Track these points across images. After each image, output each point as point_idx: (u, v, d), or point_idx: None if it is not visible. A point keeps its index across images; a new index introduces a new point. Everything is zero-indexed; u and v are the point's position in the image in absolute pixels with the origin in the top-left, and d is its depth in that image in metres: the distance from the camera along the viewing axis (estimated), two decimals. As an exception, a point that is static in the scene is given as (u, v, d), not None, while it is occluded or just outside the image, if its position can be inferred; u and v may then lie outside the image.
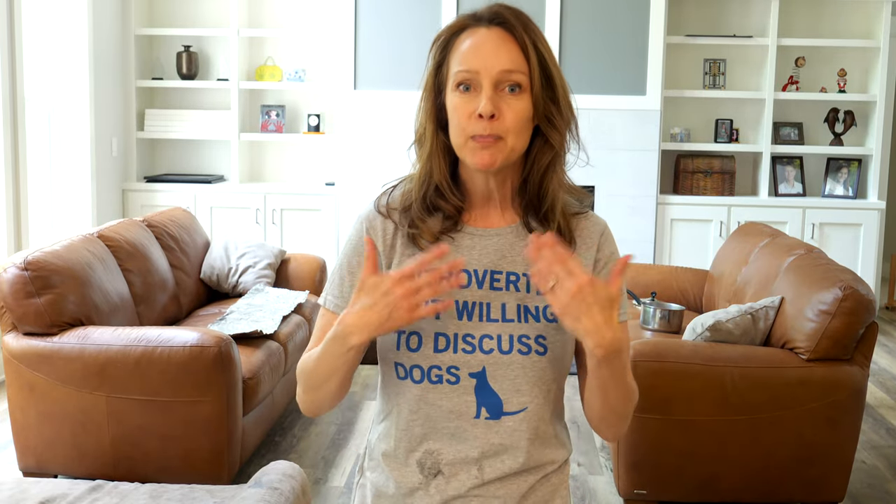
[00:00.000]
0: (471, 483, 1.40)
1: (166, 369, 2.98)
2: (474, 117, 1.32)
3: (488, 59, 1.33)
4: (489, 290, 1.39)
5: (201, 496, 2.14)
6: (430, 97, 1.41)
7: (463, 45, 1.36)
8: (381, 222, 1.43)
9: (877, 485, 3.40)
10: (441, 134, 1.40)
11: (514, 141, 1.34)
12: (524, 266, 1.40)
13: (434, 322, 1.37)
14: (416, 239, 1.40)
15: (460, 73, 1.34)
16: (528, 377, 1.38)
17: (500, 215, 1.43)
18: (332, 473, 3.40)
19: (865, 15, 5.89)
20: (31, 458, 3.14)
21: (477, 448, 1.39)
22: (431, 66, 1.41)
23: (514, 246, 1.41)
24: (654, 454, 2.97)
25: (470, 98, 1.34)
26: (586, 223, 1.44)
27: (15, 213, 4.53)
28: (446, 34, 1.39)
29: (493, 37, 1.34)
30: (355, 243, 1.44)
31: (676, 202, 5.72)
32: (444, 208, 1.40)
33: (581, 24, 5.47)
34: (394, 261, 1.41)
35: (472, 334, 1.37)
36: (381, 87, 5.56)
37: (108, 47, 5.56)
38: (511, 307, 1.38)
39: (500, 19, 1.35)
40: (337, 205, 5.68)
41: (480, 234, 1.41)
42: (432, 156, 1.40)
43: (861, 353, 2.94)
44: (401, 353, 1.38)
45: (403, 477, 1.43)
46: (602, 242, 1.44)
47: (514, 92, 1.33)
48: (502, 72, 1.32)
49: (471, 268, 1.40)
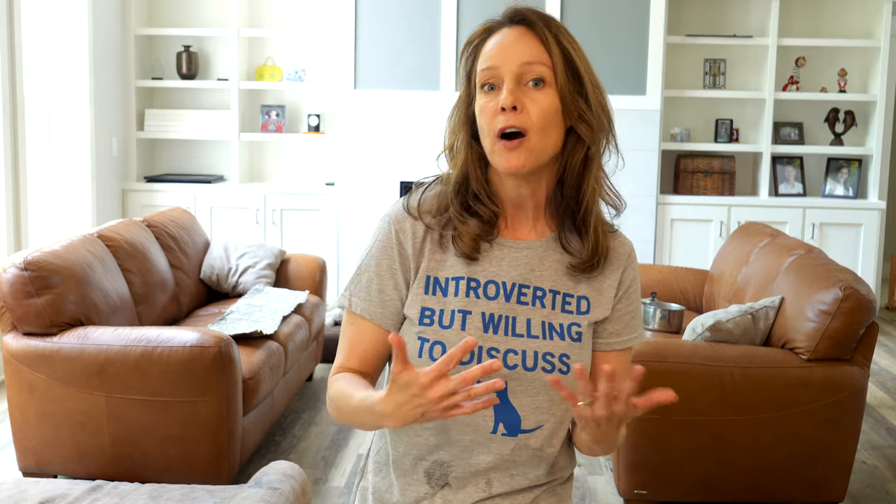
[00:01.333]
0: (477, 496, 1.39)
1: (166, 369, 2.98)
2: (497, 113, 1.30)
3: (508, 54, 1.31)
4: (516, 303, 1.36)
5: (201, 496, 2.14)
6: (463, 106, 1.39)
7: (487, 46, 1.35)
8: (410, 224, 1.39)
9: (877, 485, 3.40)
10: (475, 144, 1.37)
11: (540, 138, 1.30)
12: (552, 282, 1.38)
13: (460, 333, 1.34)
14: (455, 240, 1.37)
15: (483, 71, 1.33)
16: (550, 395, 1.36)
17: (532, 226, 1.40)
18: (332, 473, 3.40)
19: (865, 15, 5.89)
20: (31, 458, 3.14)
21: (488, 463, 1.38)
22: (464, 77, 1.39)
23: (543, 261, 1.38)
24: (654, 454, 2.97)
25: (493, 96, 1.32)
26: (615, 243, 1.42)
27: (15, 213, 4.53)
28: (474, 40, 1.38)
29: (513, 34, 1.33)
30: (384, 244, 1.39)
31: (676, 202, 5.72)
32: (482, 212, 1.37)
33: (581, 24, 5.46)
34: (422, 265, 1.38)
35: (497, 348, 1.34)
36: (381, 87, 5.56)
37: (107, 47, 5.56)
38: (536, 323, 1.36)
39: (520, 17, 1.34)
40: (337, 205, 5.68)
41: (511, 245, 1.38)
42: (468, 164, 1.37)
43: (861, 353, 2.94)
44: (422, 360, 1.34)
45: (409, 485, 1.41)
46: (628, 265, 1.43)
47: (537, 86, 1.30)
48: (522, 64, 1.30)
49: (499, 279, 1.37)
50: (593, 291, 1.39)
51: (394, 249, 1.38)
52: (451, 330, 1.34)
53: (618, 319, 1.42)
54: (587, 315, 1.38)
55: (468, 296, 1.35)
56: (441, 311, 1.35)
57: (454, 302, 1.35)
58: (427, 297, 1.37)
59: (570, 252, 1.38)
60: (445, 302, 1.36)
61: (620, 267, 1.41)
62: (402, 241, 1.38)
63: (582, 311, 1.38)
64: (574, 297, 1.38)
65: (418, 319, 1.36)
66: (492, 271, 1.37)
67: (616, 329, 1.42)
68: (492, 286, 1.36)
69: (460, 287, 1.36)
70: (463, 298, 1.35)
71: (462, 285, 1.36)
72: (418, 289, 1.37)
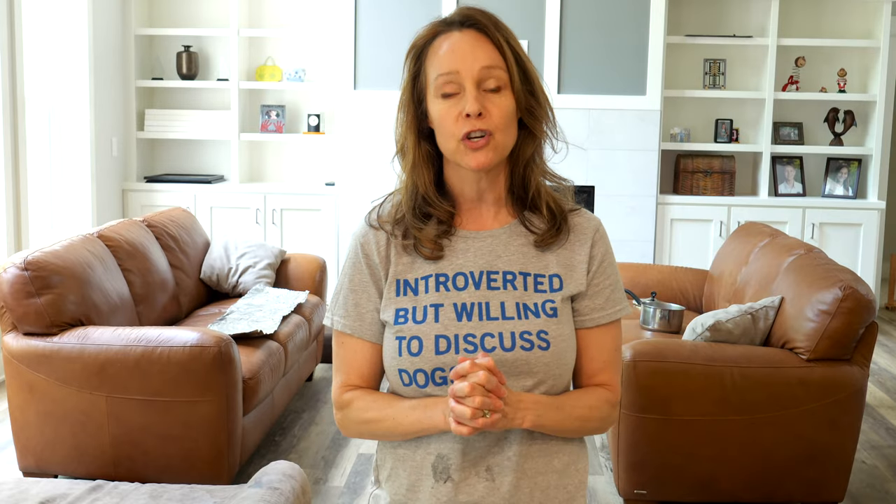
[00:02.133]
0: (482, 486, 1.39)
1: (166, 369, 2.98)
2: (461, 118, 1.35)
3: (467, 59, 1.35)
4: (486, 289, 1.40)
5: (201, 496, 2.14)
6: (408, 108, 1.43)
7: (439, 50, 1.39)
8: (373, 235, 1.46)
9: (877, 485, 3.40)
10: (424, 143, 1.43)
11: (503, 137, 1.37)
12: (520, 265, 1.42)
13: (434, 325, 1.38)
14: (416, 247, 1.42)
15: (441, 76, 1.37)
16: (533, 373, 1.38)
17: (493, 217, 1.45)
18: (332, 473, 3.40)
19: (865, 15, 5.89)
20: (31, 458, 3.14)
21: (484, 448, 1.39)
22: (408, 78, 1.43)
23: (508, 246, 1.43)
24: (654, 454, 2.97)
25: (454, 102, 1.36)
26: (580, 219, 1.47)
27: (15, 213, 4.53)
28: (419, 43, 1.42)
29: (467, 38, 1.37)
30: (353, 261, 1.47)
31: (676, 202, 5.72)
32: (436, 214, 1.43)
33: (581, 24, 5.47)
34: (390, 270, 1.44)
35: (474, 334, 1.38)
36: (381, 87, 5.56)
37: (108, 47, 5.56)
38: (510, 305, 1.39)
39: (471, 21, 1.38)
40: (337, 205, 5.68)
41: (473, 236, 1.43)
42: (416, 167, 1.43)
43: (861, 353, 2.94)
44: (403, 358, 1.39)
45: (418, 482, 1.43)
46: (596, 239, 1.46)
47: (496, 91, 1.36)
48: (483, 69, 1.35)
49: (466, 270, 1.41)
50: (563, 269, 1.43)
51: (362, 263, 1.45)
52: (426, 323, 1.38)
53: (597, 294, 1.45)
54: (560, 291, 1.42)
55: (438, 290, 1.41)
56: (414, 308, 1.41)
57: (426, 298, 1.41)
58: (400, 299, 1.42)
59: (533, 231, 1.44)
60: (417, 300, 1.41)
61: (588, 241, 1.45)
62: (367, 252, 1.45)
63: (555, 289, 1.42)
64: (546, 277, 1.42)
65: (393, 320, 1.41)
66: (458, 263, 1.42)
67: (598, 304, 1.45)
68: (460, 277, 1.41)
69: (430, 284, 1.41)
70: (434, 294, 1.41)
71: (431, 282, 1.41)
72: (390, 293, 1.43)
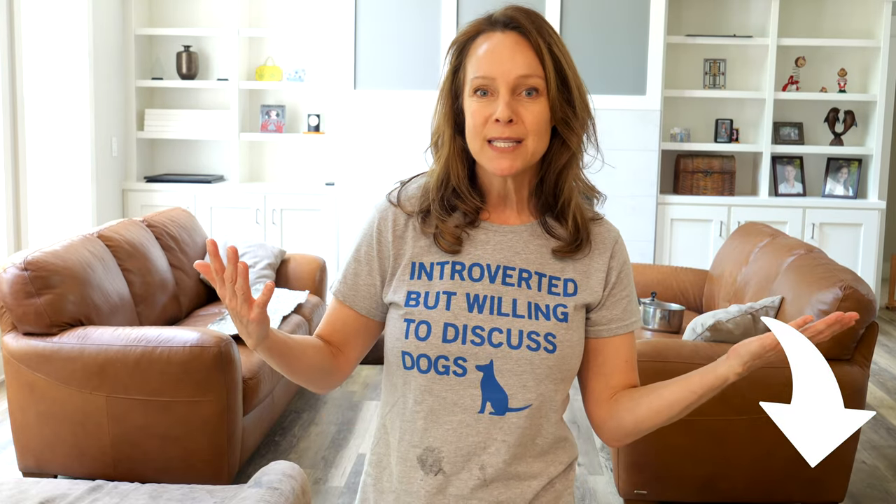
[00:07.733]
0: (473, 483, 1.40)
1: (166, 369, 2.98)
2: (491, 122, 1.34)
3: (504, 65, 1.34)
4: (501, 284, 1.40)
5: (201, 496, 2.14)
6: (446, 101, 1.42)
7: (479, 50, 1.38)
8: (392, 213, 1.45)
9: (877, 485, 3.40)
10: (458, 138, 1.42)
11: (534, 144, 1.36)
12: (537, 265, 1.42)
13: (444, 312, 1.38)
14: (436, 237, 1.42)
15: (477, 79, 1.36)
16: (536, 374, 1.38)
17: (517, 215, 1.45)
18: (332, 473, 3.40)
19: (865, 15, 5.89)
20: (31, 458, 3.14)
21: (479, 444, 1.39)
22: (448, 71, 1.42)
23: (528, 244, 1.43)
24: (654, 454, 2.97)
25: (487, 102, 1.35)
26: (600, 229, 1.46)
27: (15, 213, 4.53)
28: (462, 39, 1.41)
29: (508, 42, 1.36)
30: (366, 232, 1.47)
31: (676, 202, 5.72)
32: (463, 208, 1.42)
33: (581, 24, 5.47)
34: (405, 251, 1.43)
35: (482, 326, 1.38)
36: (381, 87, 5.56)
37: (108, 47, 5.56)
38: (522, 303, 1.39)
39: (514, 23, 1.37)
40: (337, 205, 5.68)
41: (495, 229, 1.43)
42: (450, 160, 1.42)
43: (861, 353, 2.94)
44: (409, 341, 1.39)
45: (405, 472, 1.43)
46: (616, 250, 1.46)
47: (530, 96, 1.35)
48: (519, 77, 1.34)
49: (484, 262, 1.41)
50: (580, 275, 1.43)
51: (373, 237, 1.45)
52: (436, 310, 1.38)
53: (616, 304, 1.46)
54: (574, 297, 1.42)
55: (453, 278, 1.40)
56: (426, 293, 1.40)
57: (439, 284, 1.40)
58: (413, 282, 1.42)
59: (553, 236, 1.43)
60: (431, 285, 1.41)
61: (607, 252, 1.45)
62: (381, 229, 1.45)
63: (569, 294, 1.42)
64: (561, 280, 1.42)
65: (404, 302, 1.41)
66: (476, 254, 1.41)
67: (616, 314, 1.46)
68: (476, 268, 1.41)
69: (445, 270, 1.41)
70: (448, 281, 1.40)
71: (447, 269, 1.41)
72: (404, 275, 1.42)
